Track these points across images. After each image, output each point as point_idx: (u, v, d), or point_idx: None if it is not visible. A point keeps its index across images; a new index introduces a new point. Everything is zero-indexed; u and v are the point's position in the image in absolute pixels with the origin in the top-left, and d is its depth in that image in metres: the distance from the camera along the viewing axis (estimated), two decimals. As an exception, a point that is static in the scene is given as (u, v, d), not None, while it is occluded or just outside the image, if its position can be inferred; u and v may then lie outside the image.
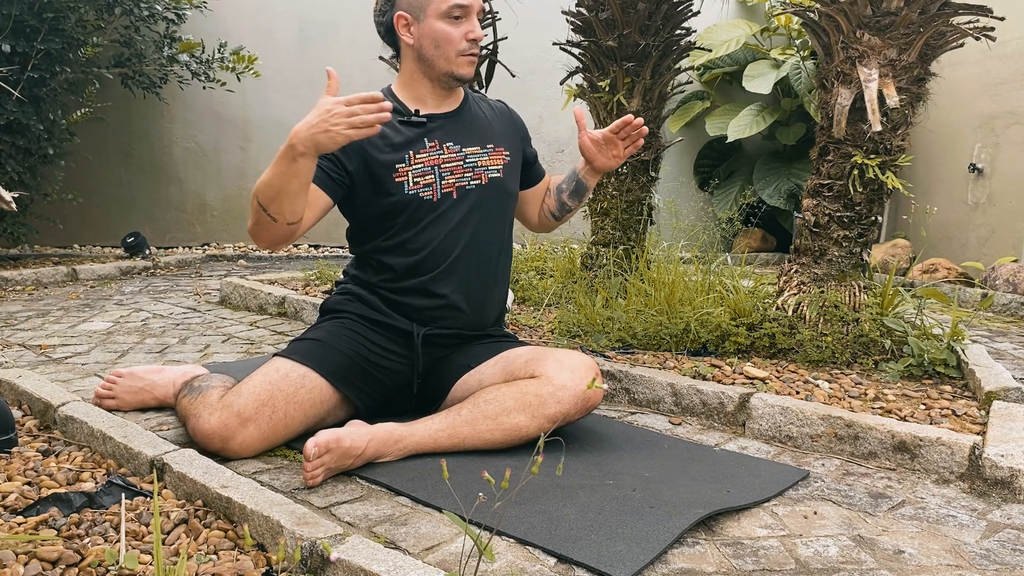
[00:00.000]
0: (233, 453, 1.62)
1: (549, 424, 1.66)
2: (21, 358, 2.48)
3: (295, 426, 1.68)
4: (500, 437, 1.67)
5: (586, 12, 3.06)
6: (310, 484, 1.51)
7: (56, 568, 1.18)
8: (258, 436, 1.62)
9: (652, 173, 3.18)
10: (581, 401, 1.69)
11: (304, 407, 1.68)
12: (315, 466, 1.50)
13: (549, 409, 1.66)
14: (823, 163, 2.44)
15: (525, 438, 1.68)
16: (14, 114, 3.83)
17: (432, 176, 1.82)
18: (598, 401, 1.74)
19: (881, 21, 2.29)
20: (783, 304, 2.46)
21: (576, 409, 1.69)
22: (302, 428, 1.69)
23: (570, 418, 1.70)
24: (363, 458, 1.59)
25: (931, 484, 1.66)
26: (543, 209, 2.09)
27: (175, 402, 1.83)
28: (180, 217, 5.53)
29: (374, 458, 1.61)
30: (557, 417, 1.66)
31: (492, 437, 1.67)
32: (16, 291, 3.77)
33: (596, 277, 3.10)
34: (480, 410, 1.68)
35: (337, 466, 1.55)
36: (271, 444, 1.66)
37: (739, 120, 5.63)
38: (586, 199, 2.08)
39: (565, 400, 1.66)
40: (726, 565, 1.28)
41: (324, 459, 1.52)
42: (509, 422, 1.66)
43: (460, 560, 1.25)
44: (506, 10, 4.13)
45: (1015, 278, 4.01)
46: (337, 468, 1.56)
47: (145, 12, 4.44)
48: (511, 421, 1.66)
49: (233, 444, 1.61)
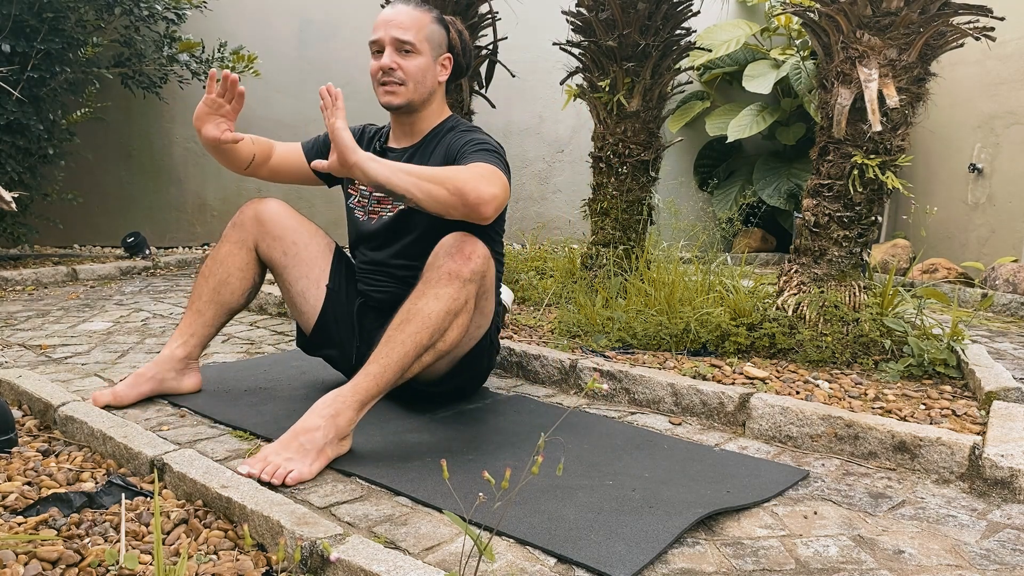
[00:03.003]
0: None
1: (456, 293, 1.68)
2: (21, 358, 2.48)
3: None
4: (418, 336, 1.67)
5: (586, 12, 3.06)
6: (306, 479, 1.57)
7: (56, 568, 1.18)
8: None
9: (652, 173, 3.18)
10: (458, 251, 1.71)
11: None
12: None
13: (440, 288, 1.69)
14: (823, 163, 2.45)
15: (440, 320, 1.68)
16: (14, 114, 3.83)
17: (365, 200, 2.08)
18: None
19: (881, 21, 2.29)
20: (783, 304, 2.46)
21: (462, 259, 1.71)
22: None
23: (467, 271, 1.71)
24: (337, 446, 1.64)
25: (931, 484, 1.66)
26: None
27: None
28: (180, 217, 5.52)
29: (344, 432, 1.64)
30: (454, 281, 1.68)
31: (412, 338, 1.66)
32: (16, 291, 3.77)
33: (596, 277, 3.10)
34: (389, 331, 1.70)
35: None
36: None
37: (739, 120, 5.64)
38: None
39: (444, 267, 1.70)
40: (726, 565, 1.28)
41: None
42: (418, 314, 1.68)
43: (460, 560, 1.25)
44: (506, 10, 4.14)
45: (1015, 278, 4.01)
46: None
47: (145, 12, 4.43)
48: (419, 310, 1.68)
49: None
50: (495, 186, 1.70)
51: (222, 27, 5.25)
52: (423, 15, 1.97)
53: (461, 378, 2.02)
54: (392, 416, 1.95)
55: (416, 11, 1.97)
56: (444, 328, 1.69)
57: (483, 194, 1.66)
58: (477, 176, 1.69)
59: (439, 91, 2.04)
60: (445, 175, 1.66)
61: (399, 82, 1.94)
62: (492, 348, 2.06)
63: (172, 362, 2.03)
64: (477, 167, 1.74)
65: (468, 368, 1.99)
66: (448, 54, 2.03)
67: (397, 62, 1.94)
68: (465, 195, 1.65)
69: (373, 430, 1.84)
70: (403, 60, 1.94)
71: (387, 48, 1.94)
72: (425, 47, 1.96)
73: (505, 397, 2.18)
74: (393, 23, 1.94)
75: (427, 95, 2.00)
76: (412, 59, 1.94)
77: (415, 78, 1.95)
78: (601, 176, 3.20)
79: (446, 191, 1.65)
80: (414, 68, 1.95)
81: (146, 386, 1.99)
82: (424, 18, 1.97)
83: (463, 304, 1.70)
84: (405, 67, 1.94)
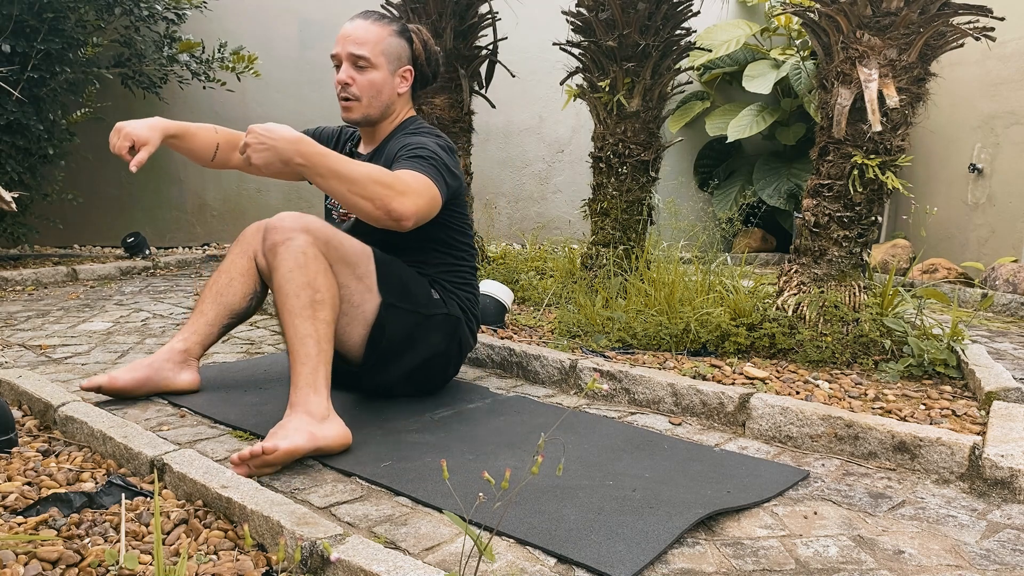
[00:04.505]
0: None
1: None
2: (21, 358, 2.48)
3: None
4: (291, 302, 1.73)
5: (586, 12, 3.06)
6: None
7: (56, 568, 1.18)
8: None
9: (652, 173, 3.18)
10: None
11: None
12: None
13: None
14: (823, 163, 2.45)
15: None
16: (14, 114, 3.83)
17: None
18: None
19: (881, 21, 2.29)
20: (783, 304, 2.46)
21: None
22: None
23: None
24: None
25: (931, 484, 1.66)
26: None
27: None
28: (180, 217, 5.53)
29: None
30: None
31: (290, 306, 1.72)
32: (16, 291, 3.77)
33: (596, 277, 3.10)
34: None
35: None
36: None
37: (739, 120, 5.64)
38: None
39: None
40: (726, 565, 1.28)
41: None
42: (279, 290, 1.75)
43: (460, 560, 1.25)
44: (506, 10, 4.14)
45: (1015, 278, 4.01)
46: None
47: (145, 12, 4.44)
48: (277, 287, 1.75)
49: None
50: (421, 197, 1.75)
51: (222, 27, 5.25)
52: (381, 29, 2.00)
53: (416, 351, 2.01)
54: (392, 416, 1.95)
55: (374, 26, 1.99)
56: (303, 282, 1.71)
57: (405, 210, 1.71)
58: (405, 189, 1.73)
59: (399, 102, 2.08)
60: (371, 191, 1.68)
61: (354, 98, 2.00)
62: (429, 325, 2.01)
63: (171, 354, 2.05)
64: (405, 176, 1.77)
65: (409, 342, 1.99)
66: (408, 66, 2.06)
67: (353, 77, 1.99)
68: (390, 212, 1.70)
69: (373, 430, 1.84)
70: (359, 75, 1.99)
71: (344, 63, 1.99)
72: (381, 61, 2.00)
73: (505, 397, 2.18)
74: (350, 38, 1.98)
75: (384, 108, 2.04)
76: (367, 74, 1.99)
77: (369, 93, 2.00)
78: (601, 176, 3.20)
79: (374, 207, 1.69)
80: (368, 83, 1.99)
81: (142, 372, 2.00)
82: (382, 32, 1.99)
83: (301, 257, 1.72)
84: (360, 82, 1.99)
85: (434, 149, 1.91)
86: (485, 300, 2.76)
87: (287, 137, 1.63)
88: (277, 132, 1.63)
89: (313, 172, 1.65)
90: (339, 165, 1.66)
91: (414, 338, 1.99)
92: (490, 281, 2.83)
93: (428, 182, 1.81)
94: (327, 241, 1.79)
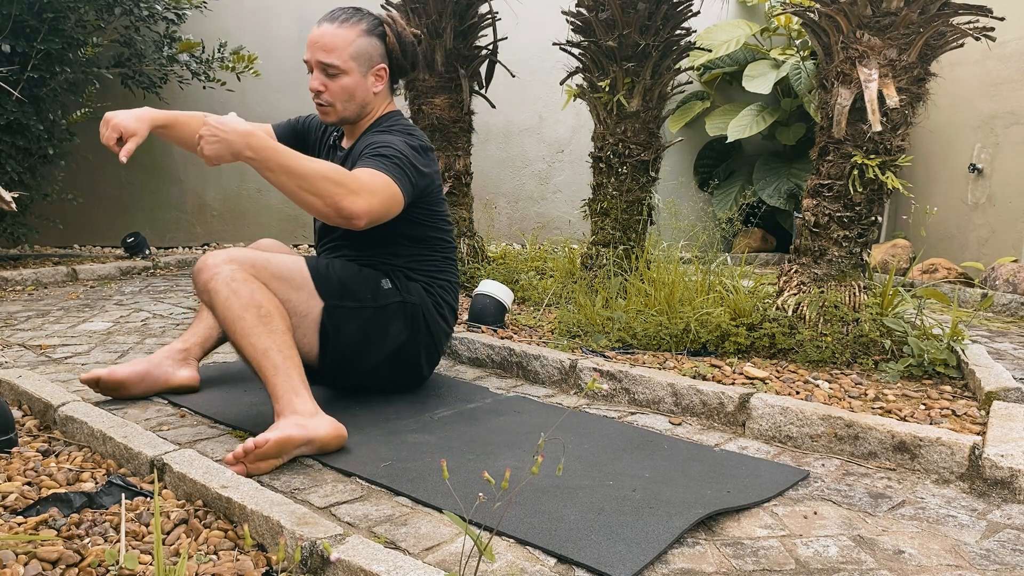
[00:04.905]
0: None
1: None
2: (21, 358, 2.48)
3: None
4: (237, 324, 1.75)
5: (586, 12, 3.06)
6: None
7: (56, 568, 1.18)
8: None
9: (652, 173, 3.18)
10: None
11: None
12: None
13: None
14: (823, 163, 2.45)
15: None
16: (14, 114, 3.82)
17: None
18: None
19: (881, 21, 2.29)
20: (783, 304, 2.46)
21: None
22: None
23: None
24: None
25: (931, 484, 1.66)
26: None
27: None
28: (180, 217, 5.52)
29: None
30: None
31: (238, 328, 1.75)
32: (16, 291, 3.77)
33: (596, 277, 3.10)
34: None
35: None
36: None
37: (739, 120, 5.63)
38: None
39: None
40: (726, 565, 1.28)
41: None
42: (224, 319, 1.78)
43: (460, 560, 1.25)
44: (506, 10, 4.14)
45: (1015, 278, 4.01)
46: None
47: (145, 12, 4.43)
48: (221, 316, 1.78)
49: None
50: (375, 196, 1.75)
51: (222, 27, 5.25)
52: (348, 32, 1.97)
53: (383, 344, 2.01)
54: (392, 416, 1.95)
55: (341, 29, 1.97)
56: (243, 304, 1.72)
57: (356, 209, 1.72)
58: (359, 188, 1.73)
59: (376, 99, 2.06)
60: (321, 188, 1.68)
61: (327, 104, 2.00)
62: (381, 318, 2.00)
63: (171, 352, 2.08)
64: (362, 174, 1.77)
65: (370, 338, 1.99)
66: (382, 64, 2.04)
67: (325, 83, 1.98)
68: (340, 210, 1.70)
69: (373, 430, 1.84)
70: (330, 82, 1.98)
71: (315, 70, 1.99)
72: (351, 65, 1.98)
73: (505, 397, 2.18)
74: (318, 45, 1.97)
75: (359, 109, 2.04)
76: (339, 80, 1.98)
77: (341, 98, 2.00)
78: (601, 176, 3.20)
79: (323, 204, 1.69)
80: (340, 89, 1.99)
81: (141, 366, 2.02)
82: (349, 35, 1.97)
83: (232, 284, 1.73)
84: (331, 88, 1.99)
85: (400, 147, 1.90)
86: (485, 300, 2.76)
87: (238, 130, 1.64)
88: (229, 125, 1.64)
89: (262, 166, 1.66)
90: (289, 160, 1.67)
91: (369, 332, 1.98)
92: (490, 281, 2.83)
93: (386, 181, 1.80)
94: (253, 263, 1.80)
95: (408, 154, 1.90)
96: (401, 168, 1.86)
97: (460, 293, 3.42)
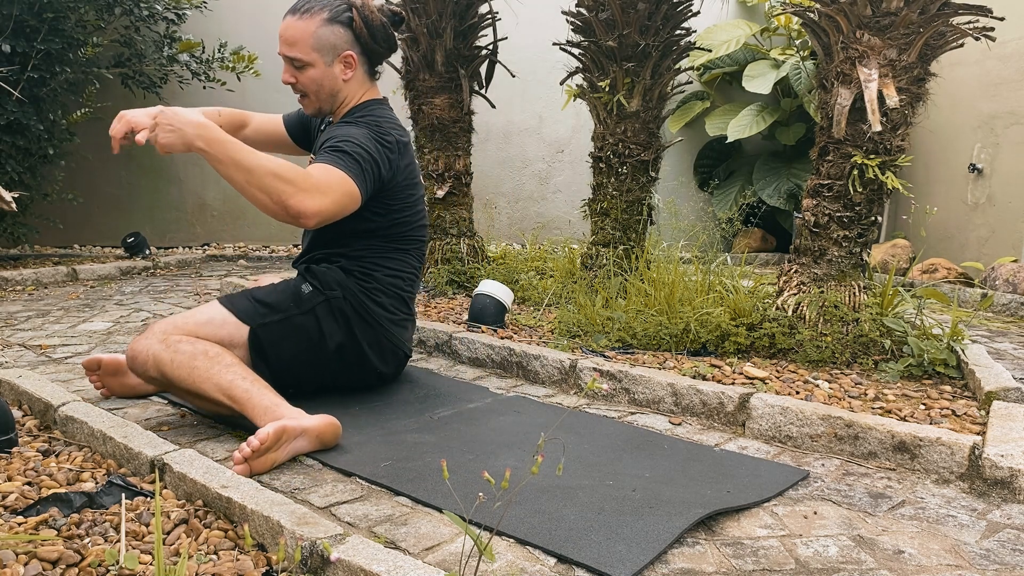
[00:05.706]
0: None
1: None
2: (21, 358, 2.48)
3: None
4: (190, 380, 1.77)
5: (586, 12, 3.06)
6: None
7: (56, 568, 1.18)
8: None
9: (652, 173, 3.18)
10: None
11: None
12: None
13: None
14: (823, 163, 2.45)
15: None
16: (14, 114, 3.83)
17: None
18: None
19: (881, 21, 2.29)
20: (783, 304, 2.46)
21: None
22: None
23: None
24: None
25: (931, 484, 1.66)
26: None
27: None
28: (180, 217, 5.52)
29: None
30: None
31: (190, 380, 1.77)
32: (16, 291, 3.77)
33: (596, 277, 3.10)
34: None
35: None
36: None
37: (739, 120, 5.63)
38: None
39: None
40: (726, 565, 1.28)
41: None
42: (174, 381, 1.80)
43: (460, 560, 1.25)
44: (506, 10, 4.14)
45: (1015, 278, 4.01)
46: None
47: (145, 12, 4.44)
48: (170, 379, 1.80)
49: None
50: (327, 196, 1.74)
51: (222, 27, 5.25)
52: (308, 23, 1.96)
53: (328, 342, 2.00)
54: (392, 416, 1.95)
55: (301, 21, 1.96)
56: (188, 356, 1.74)
57: (305, 208, 1.71)
58: (310, 187, 1.71)
59: (347, 87, 2.04)
60: (269, 185, 1.67)
61: (302, 95, 2.04)
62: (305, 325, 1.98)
63: None
64: (317, 171, 1.76)
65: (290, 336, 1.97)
66: (349, 51, 2.01)
67: (295, 76, 2.01)
68: (287, 208, 1.70)
69: (373, 430, 1.84)
70: (300, 74, 2.01)
71: (285, 63, 2.01)
72: (314, 57, 1.98)
73: (505, 397, 2.18)
74: (282, 40, 1.99)
75: (332, 98, 2.04)
76: (305, 72, 2.00)
77: (312, 89, 2.02)
78: (601, 176, 3.20)
79: (271, 201, 1.69)
80: (308, 80, 2.01)
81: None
82: (309, 27, 1.96)
83: (168, 349, 1.76)
84: (302, 80, 2.01)
85: (361, 141, 1.86)
86: (485, 300, 2.76)
87: (193, 122, 1.66)
88: (184, 117, 1.66)
89: (213, 159, 1.67)
90: (240, 155, 1.67)
91: (304, 338, 1.96)
92: (490, 281, 2.83)
93: (342, 178, 1.78)
94: (175, 325, 1.82)
95: (370, 148, 1.87)
96: (359, 164, 1.82)
97: (460, 293, 3.43)
